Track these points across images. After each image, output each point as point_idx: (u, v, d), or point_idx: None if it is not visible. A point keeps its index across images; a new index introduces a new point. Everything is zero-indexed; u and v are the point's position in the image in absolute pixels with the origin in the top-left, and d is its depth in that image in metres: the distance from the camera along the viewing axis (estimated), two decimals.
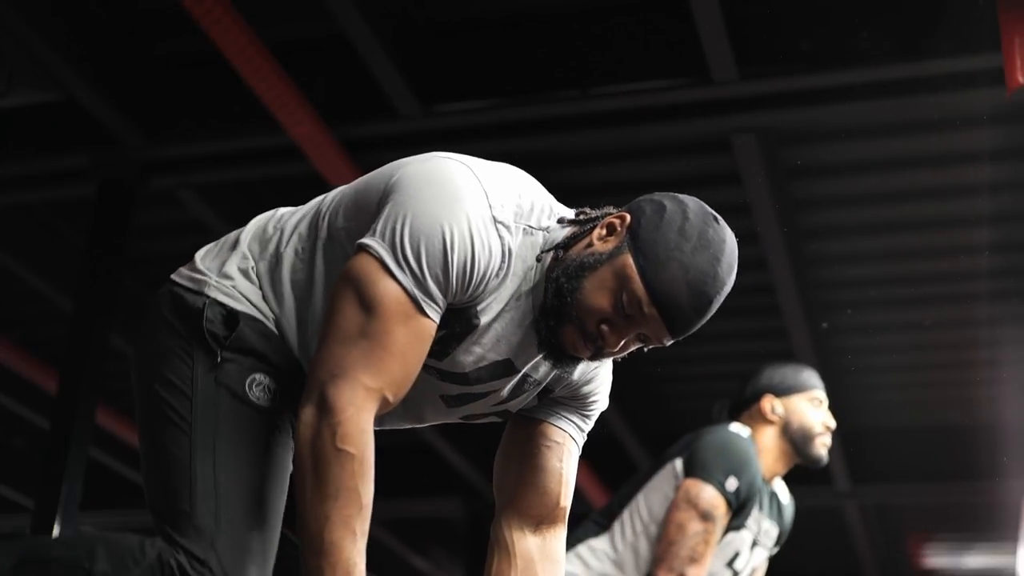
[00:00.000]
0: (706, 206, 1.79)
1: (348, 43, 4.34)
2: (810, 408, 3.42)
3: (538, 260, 1.75)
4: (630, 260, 1.71)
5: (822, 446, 3.43)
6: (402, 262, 1.66)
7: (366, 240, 1.69)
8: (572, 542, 3.33)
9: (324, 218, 1.81)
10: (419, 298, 1.67)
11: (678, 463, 3.28)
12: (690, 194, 1.87)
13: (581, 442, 1.96)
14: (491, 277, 1.71)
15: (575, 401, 1.93)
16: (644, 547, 3.26)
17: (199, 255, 1.88)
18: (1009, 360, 6.26)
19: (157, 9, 4.58)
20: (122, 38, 4.72)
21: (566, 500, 1.94)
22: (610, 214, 1.79)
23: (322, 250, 1.79)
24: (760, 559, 3.47)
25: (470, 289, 1.70)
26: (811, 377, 3.48)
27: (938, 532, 9.02)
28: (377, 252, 1.67)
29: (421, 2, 4.47)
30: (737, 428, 3.35)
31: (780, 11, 4.25)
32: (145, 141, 4.87)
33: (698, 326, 1.77)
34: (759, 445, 3.37)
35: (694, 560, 3.18)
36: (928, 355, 6.57)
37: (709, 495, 3.20)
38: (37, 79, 4.76)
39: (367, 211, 1.74)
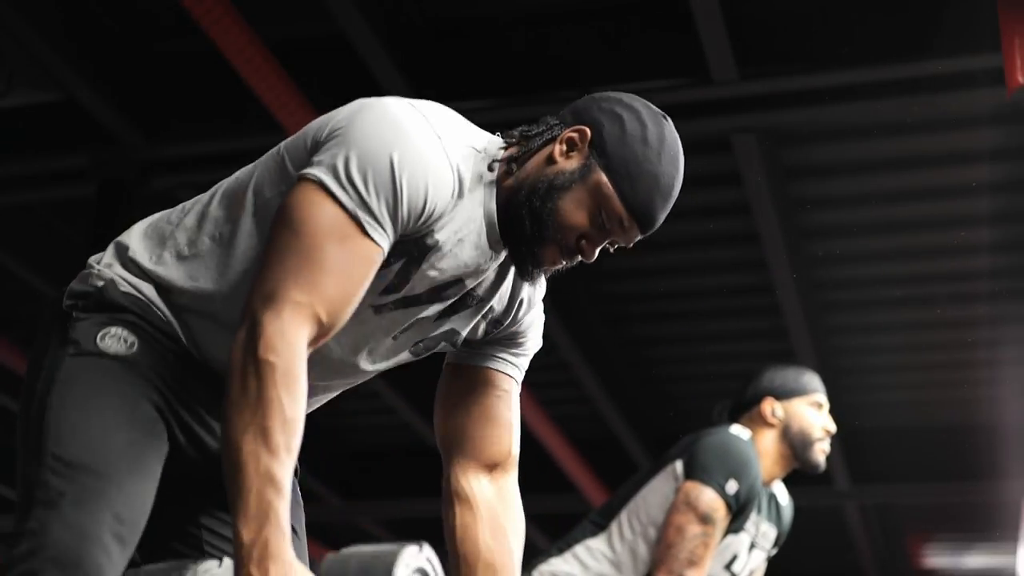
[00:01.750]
0: (651, 105, 1.82)
1: (348, 43, 4.34)
2: (811, 412, 3.42)
3: (491, 170, 1.76)
4: (604, 178, 1.74)
5: (821, 452, 3.43)
6: (345, 184, 1.62)
7: (304, 170, 1.65)
8: (570, 542, 3.33)
9: (246, 193, 1.75)
10: (361, 218, 1.62)
11: (678, 465, 3.28)
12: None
13: (520, 380, 1.97)
14: (443, 200, 1.69)
15: (514, 340, 1.93)
16: (643, 549, 3.26)
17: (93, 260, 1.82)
18: (1009, 360, 6.26)
19: (157, 9, 4.58)
20: (122, 38, 4.72)
21: (517, 446, 1.94)
22: (555, 124, 1.81)
23: (250, 221, 1.73)
24: (758, 561, 3.47)
25: (423, 215, 1.68)
26: (812, 380, 3.47)
27: (938, 532, 9.02)
28: (316, 177, 1.63)
29: (421, 2, 4.47)
30: (738, 430, 3.35)
31: (780, 11, 4.25)
32: (145, 141, 4.87)
33: None
34: (758, 448, 3.37)
35: (693, 563, 3.17)
36: (928, 355, 6.58)
37: (709, 497, 3.19)
38: (37, 79, 4.76)
39: (299, 162, 1.70)
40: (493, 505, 1.91)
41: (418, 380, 1.71)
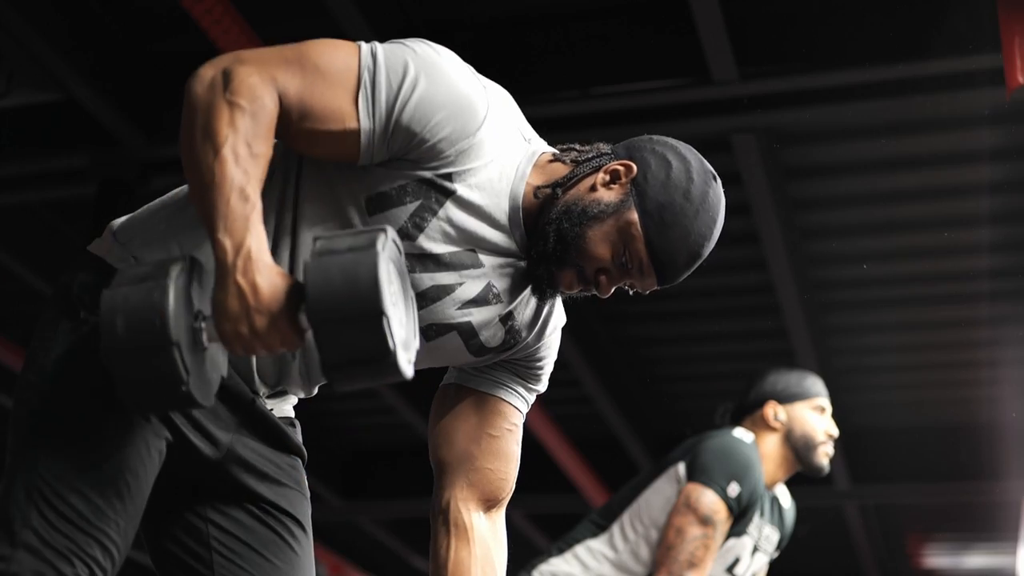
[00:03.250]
0: (705, 162, 1.82)
1: None
2: (813, 416, 3.42)
3: (537, 196, 1.75)
4: (635, 218, 1.73)
5: (824, 455, 3.43)
6: (370, 53, 1.66)
7: None
8: (570, 542, 3.33)
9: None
10: (363, 79, 1.63)
11: (681, 467, 3.28)
12: None
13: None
14: (464, 132, 1.68)
15: (530, 368, 1.91)
16: (644, 551, 3.26)
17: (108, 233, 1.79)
18: (1009, 360, 6.26)
19: (157, 9, 4.58)
20: (122, 38, 4.72)
21: (514, 482, 1.94)
22: (606, 154, 1.80)
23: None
24: (760, 565, 3.47)
25: (431, 138, 1.66)
26: (815, 384, 3.48)
27: (938, 532, 9.02)
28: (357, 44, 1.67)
29: (421, 2, 4.47)
30: (741, 433, 3.35)
31: (780, 11, 4.25)
32: (145, 141, 4.87)
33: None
34: (761, 451, 3.37)
35: (693, 565, 3.17)
36: (928, 355, 6.57)
37: (710, 500, 3.19)
38: (37, 79, 4.76)
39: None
40: (487, 541, 1.89)
41: (418, 380, 1.72)
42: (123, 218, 1.81)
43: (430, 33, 4.51)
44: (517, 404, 1.91)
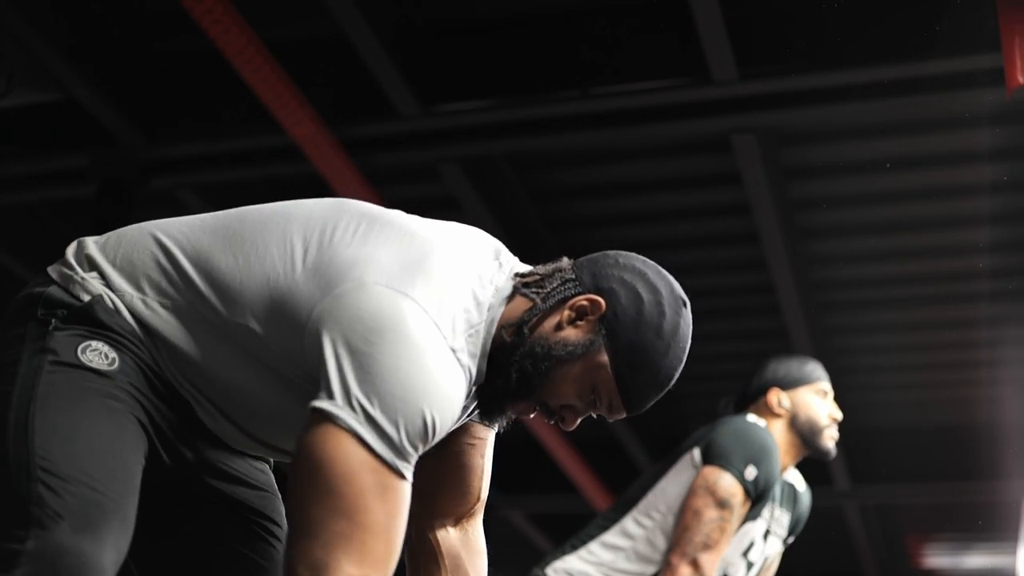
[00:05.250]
0: (675, 286, 1.73)
1: (348, 43, 4.35)
2: (816, 400, 3.43)
3: (496, 339, 1.67)
4: (606, 360, 1.67)
5: (830, 439, 3.44)
6: (379, 435, 1.53)
7: (326, 407, 1.53)
8: (584, 539, 3.33)
9: (233, 294, 1.65)
10: (399, 466, 1.54)
11: (695, 452, 3.28)
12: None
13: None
14: (462, 411, 1.65)
15: None
16: (660, 539, 3.25)
17: (71, 251, 1.76)
18: (1009, 360, 6.26)
19: (157, 9, 4.58)
20: (122, 38, 4.72)
21: (486, 491, 1.90)
22: (570, 280, 1.70)
23: (224, 329, 1.65)
24: (774, 549, 3.47)
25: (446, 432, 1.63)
26: (816, 369, 3.49)
27: (938, 532, 9.03)
28: (347, 424, 1.52)
29: (421, 2, 4.47)
30: (754, 419, 3.36)
31: (780, 11, 4.25)
32: (145, 141, 4.88)
33: None
34: None
35: (708, 547, 3.17)
36: (928, 355, 6.58)
37: (727, 483, 3.19)
38: (37, 79, 4.76)
39: (289, 330, 1.61)
40: (457, 551, 1.87)
41: None
42: (78, 248, 1.76)
43: (430, 33, 4.53)
44: (478, 419, 1.87)
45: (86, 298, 1.67)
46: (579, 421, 1.73)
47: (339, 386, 1.54)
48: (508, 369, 1.66)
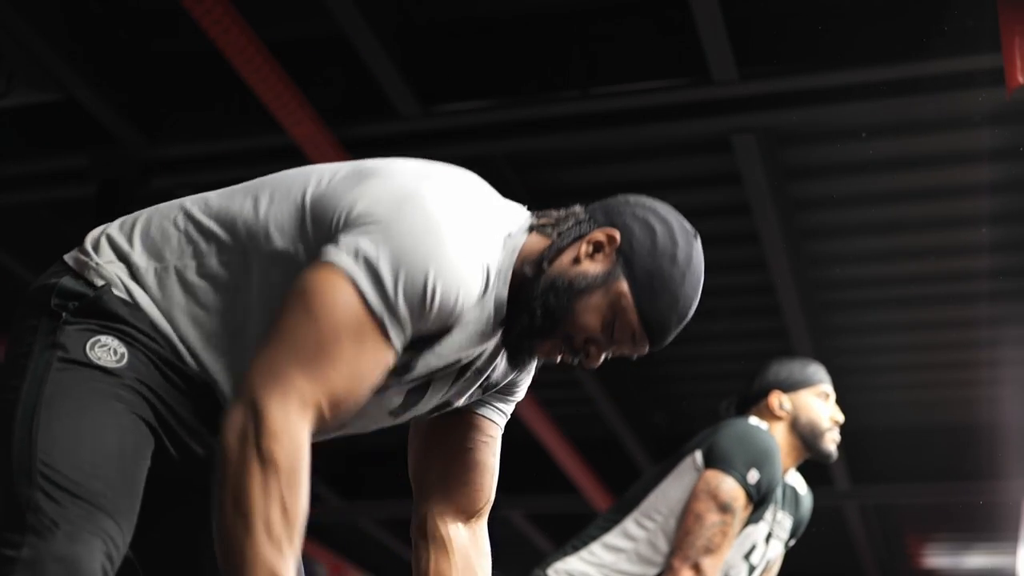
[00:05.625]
0: (683, 220, 1.80)
1: (348, 43, 4.35)
2: (818, 403, 3.43)
3: (522, 267, 1.70)
4: (626, 289, 1.71)
5: (831, 441, 3.44)
6: (375, 283, 1.55)
7: (332, 256, 1.57)
8: (585, 539, 3.33)
9: (258, 231, 1.68)
10: (385, 321, 1.56)
11: (697, 455, 3.27)
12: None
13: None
14: (469, 304, 1.64)
15: (509, 391, 1.90)
16: (662, 541, 3.25)
17: (91, 235, 1.80)
18: (1009, 360, 6.26)
19: (157, 9, 4.58)
20: (122, 38, 4.72)
21: (494, 493, 1.92)
22: (585, 221, 1.75)
23: (262, 263, 1.67)
24: (776, 552, 3.47)
25: (446, 322, 1.63)
26: (818, 371, 3.49)
27: (938, 532, 9.03)
28: (345, 268, 1.56)
29: (421, 2, 4.47)
30: (756, 421, 3.35)
31: (780, 11, 4.25)
32: (145, 141, 4.87)
33: None
34: None
35: (710, 551, 3.17)
36: (928, 355, 6.58)
37: (729, 487, 3.19)
38: (37, 79, 4.76)
39: (323, 230, 1.64)
40: (467, 552, 1.88)
41: None
42: (100, 231, 1.79)
43: (430, 33, 4.53)
44: (494, 417, 1.90)
45: (100, 283, 1.69)
46: (603, 358, 1.75)
47: (348, 240, 1.58)
48: (532, 305, 1.70)
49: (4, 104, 4.78)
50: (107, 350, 1.63)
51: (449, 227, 1.60)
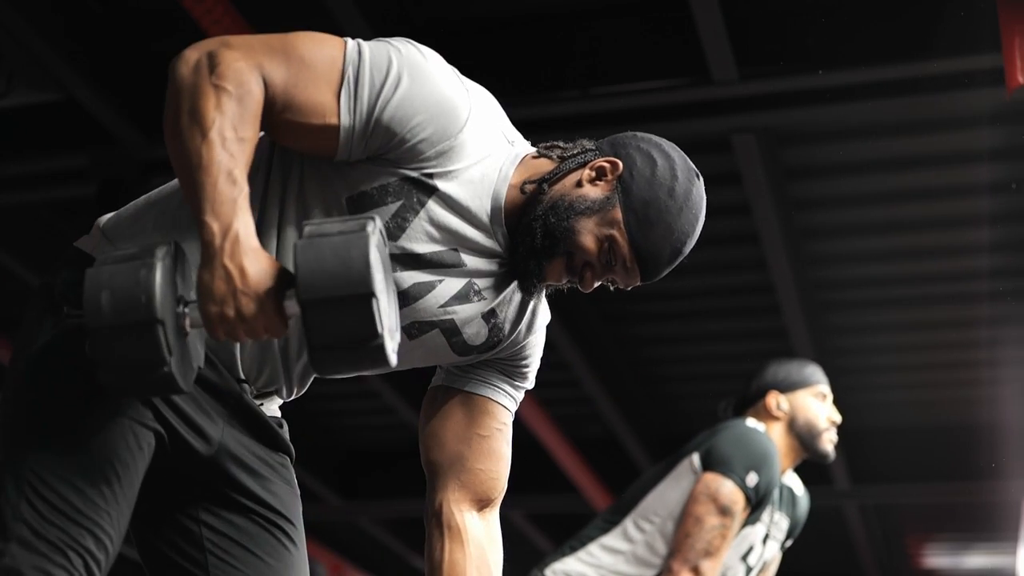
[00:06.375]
0: (688, 160, 1.84)
1: None
2: (815, 403, 3.44)
3: (523, 192, 1.76)
4: (619, 215, 1.75)
5: (828, 442, 3.44)
6: (358, 53, 1.67)
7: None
8: (583, 540, 3.33)
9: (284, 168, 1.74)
10: (347, 74, 1.65)
11: (695, 458, 3.28)
12: None
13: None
14: (445, 134, 1.70)
15: (517, 366, 1.90)
16: (660, 543, 3.25)
17: (100, 220, 1.84)
18: (1009, 360, 6.26)
19: (157, 8, 4.58)
20: (122, 38, 4.72)
21: (506, 483, 1.93)
22: (591, 150, 1.81)
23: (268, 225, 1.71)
24: (772, 552, 3.48)
25: (412, 138, 1.67)
26: (815, 372, 3.49)
27: (938, 532, 9.02)
28: (346, 39, 1.69)
29: (421, 2, 4.47)
30: (754, 423, 3.36)
31: (780, 11, 4.25)
32: (145, 141, 4.87)
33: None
34: None
35: (709, 553, 3.17)
36: (928, 355, 6.57)
37: (729, 489, 3.20)
38: (37, 79, 4.76)
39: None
40: (481, 542, 1.89)
41: (418, 380, 1.72)
42: (110, 215, 1.82)
43: (430, 33, 4.53)
44: (505, 403, 1.91)
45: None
46: (596, 284, 1.79)
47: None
48: (532, 225, 1.74)
49: (4, 104, 4.79)
50: None
51: (443, 67, 1.77)
